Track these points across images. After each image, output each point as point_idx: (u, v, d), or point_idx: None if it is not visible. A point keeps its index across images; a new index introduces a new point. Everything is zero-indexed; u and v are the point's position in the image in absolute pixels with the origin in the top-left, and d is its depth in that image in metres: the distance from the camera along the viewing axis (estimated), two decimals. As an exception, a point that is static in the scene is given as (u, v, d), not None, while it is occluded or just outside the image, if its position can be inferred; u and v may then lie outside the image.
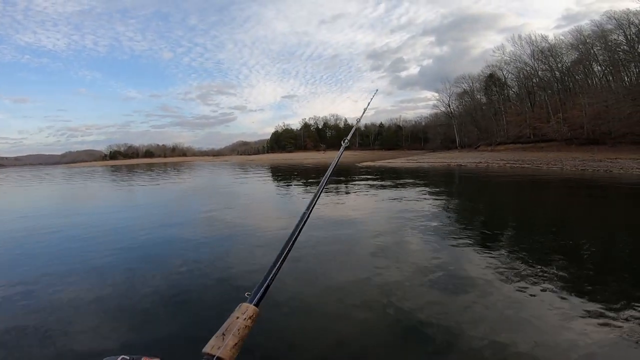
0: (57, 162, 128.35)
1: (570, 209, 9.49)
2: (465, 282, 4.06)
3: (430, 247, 5.68)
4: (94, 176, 34.76)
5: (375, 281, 4.19)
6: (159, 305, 3.78)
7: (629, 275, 4.19)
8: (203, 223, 8.48)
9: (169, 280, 4.55)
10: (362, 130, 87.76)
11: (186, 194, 16.37)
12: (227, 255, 5.84)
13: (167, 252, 6.04)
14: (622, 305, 3.31)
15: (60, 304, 3.87)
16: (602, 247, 5.67)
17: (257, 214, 9.98)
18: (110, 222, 8.96)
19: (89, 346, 2.98)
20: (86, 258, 5.66)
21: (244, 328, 0.50)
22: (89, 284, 4.52)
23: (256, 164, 51.31)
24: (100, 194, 18.43)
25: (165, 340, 3.05)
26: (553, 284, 3.86)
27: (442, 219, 8.21)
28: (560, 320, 3.07)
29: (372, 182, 16.66)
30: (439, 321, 3.15)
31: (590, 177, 16.18)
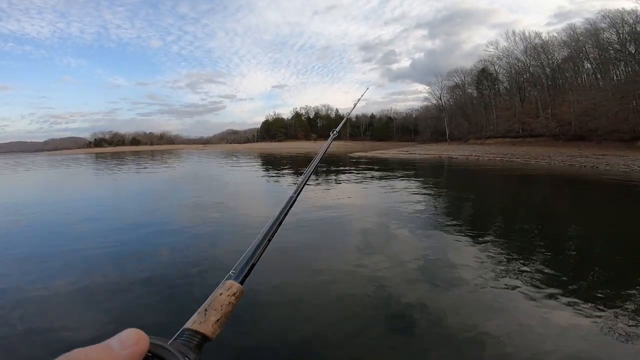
0: (40, 150, 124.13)
1: (555, 203, 9.60)
2: (450, 270, 4.14)
3: (420, 235, 5.76)
4: (78, 164, 33.61)
5: (362, 269, 4.19)
6: (142, 289, 3.68)
7: (605, 267, 4.32)
8: (190, 212, 8.17)
9: (151, 267, 4.43)
10: (353, 121, 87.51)
11: (173, 184, 15.91)
12: (212, 241, 5.63)
13: (151, 240, 5.77)
14: (598, 296, 3.42)
15: (40, 289, 3.74)
16: (583, 240, 5.81)
17: (248, 203, 9.70)
18: (88, 211, 8.58)
19: (68, 333, 2.87)
20: (68, 245, 5.38)
21: (227, 305, 0.49)
22: (71, 269, 4.35)
23: (246, 152, 50.60)
24: (84, 183, 17.77)
25: (146, 320, 3.02)
26: (534, 274, 3.96)
27: (434, 209, 8.24)
28: (537, 309, 3.17)
29: (368, 173, 16.52)
30: (419, 305, 3.23)
31: (577, 173, 16.41)
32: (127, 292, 3.73)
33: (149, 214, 8.01)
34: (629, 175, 14.94)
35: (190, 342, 0.42)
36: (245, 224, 6.76)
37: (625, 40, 33.98)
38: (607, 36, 35.97)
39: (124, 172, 21.42)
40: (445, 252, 4.94)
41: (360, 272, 4.16)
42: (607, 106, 30.75)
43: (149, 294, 3.69)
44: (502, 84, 50.91)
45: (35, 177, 21.39)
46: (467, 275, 3.99)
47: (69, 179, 19.33)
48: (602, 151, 25.27)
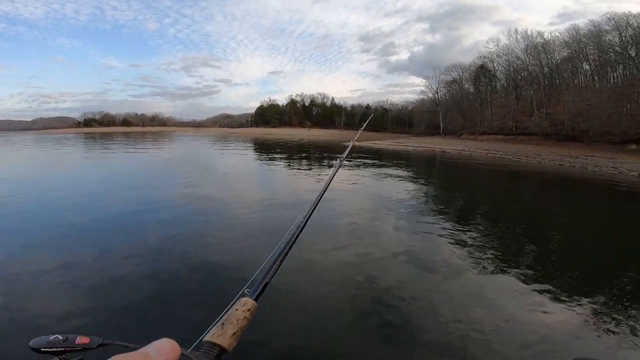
0: (27, 129, 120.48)
1: (543, 200, 9.70)
2: (437, 263, 4.16)
3: (409, 225, 5.77)
4: (63, 144, 32.70)
5: (350, 257, 4.16)
6: (132, 275, 3.56)
7: (588, 262, 4.43)
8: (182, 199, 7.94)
9: (140, 251, 4.27)
10: (348, 111, 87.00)
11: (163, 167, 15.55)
12: (205, 229, 5.45)
13: (140, 224, 5.58)
14: (578, 292, 3.50)
15: (24, 275, 3.55)
16: (568, 236, 5.90)
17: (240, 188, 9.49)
18: (80, 192, 8.27)
19: (51, 320, 2.76)
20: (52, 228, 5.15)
21: (242, 319, 0.52)
22: (56, 252, 4.16)
23: (239, 137, 49.90)
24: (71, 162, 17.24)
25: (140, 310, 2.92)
26: (517, 268, 4.00)
27: (425, 200, 8.24)
28: (521, 301, 3.21)
29: (365, 162, 16.39)
30: (404, 296, 3.24)
31: (565, 172, 16.56)
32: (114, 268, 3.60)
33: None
34: (615, 177, 15.14)
35: (210, 354, 0.45)
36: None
37: (627, 44, 34.04)
38: (610, 39, 36.01)
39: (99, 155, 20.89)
40: (433, 243, 4.93)
41: (347, 261, 4.10)
42: (601, 108, 30.99)
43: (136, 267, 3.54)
44: (500, 81, 50.91)
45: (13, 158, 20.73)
46: (453, 267, 3.99)
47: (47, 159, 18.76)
48: (591, 152, 25.58)
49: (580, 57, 39.06)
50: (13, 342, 2.41)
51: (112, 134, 60.70)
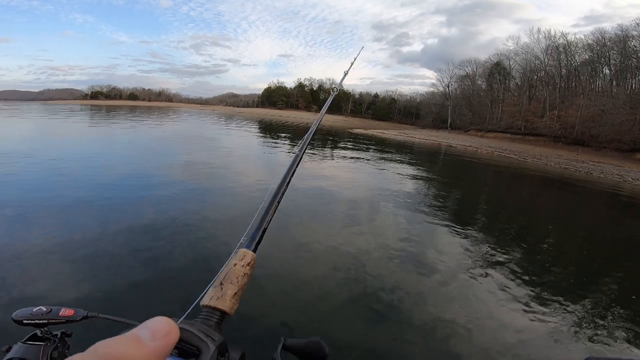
0: (33, 99, 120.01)
1: (542, 202, 9.63)
2: (427, 256, 4.18)
3: (406, 218, 5.74)
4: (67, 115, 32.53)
5: (344, 246, 4.16)
6: (132, 251, 3.47)
7: (576, 270, 4.40)
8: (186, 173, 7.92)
9: (141, 227, 4.17)
10: (356, 98, 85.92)
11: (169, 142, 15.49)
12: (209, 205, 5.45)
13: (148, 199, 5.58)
14: (567, 295, 3.50)
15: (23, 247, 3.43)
16: (564, 241, 5.86)
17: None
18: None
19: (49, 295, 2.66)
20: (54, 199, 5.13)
21: (242, 276, 0.46)
22: (57, 225, 4.06)
23: (245, 116, 49.54)
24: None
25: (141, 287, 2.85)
26: (508, 269, 4.00)
27: (425, 194, 8.21)
28: (509, 302, 3.21)
29: (374, 152, 16.30)
30: (397, 290, 3.24)
31: (569, 176, 16.38)
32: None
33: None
34: (619, 184, 14.98)
35: (210, 320, 0.39)
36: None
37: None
38: (635, 44, 34.94)
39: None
40: (426, 237, 4.95)
41: (341, 250, 4.10)
42: (614, 114, 30.41)
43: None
44: (514, 80, 49.88)
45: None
46: (442, 264, 4.00)
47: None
48: (599, 158, 25.28)
49: (601, 61, 38.06)
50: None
51: (119, 107, 60.35)
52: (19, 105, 62.55)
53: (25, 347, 0.64)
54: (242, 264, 0.47)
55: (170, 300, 2.66)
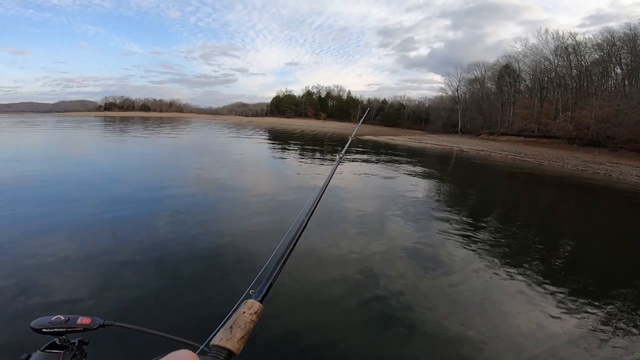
0: (49, 111, 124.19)
1: (560, 206, 9.51)
2: (443, 261, 4.13)
3: (420, 223, 5.76)
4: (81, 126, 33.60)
5: (354, 254, 4.17)
6: (145, 261, 3.62)
7: (598, 274, 4.32)
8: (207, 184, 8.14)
9: (154, 236, 4.35)
10: (364, 105, 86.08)
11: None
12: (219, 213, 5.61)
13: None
14: (584, 301, 3.41)
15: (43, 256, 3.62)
16: (582, 246, 5.72)
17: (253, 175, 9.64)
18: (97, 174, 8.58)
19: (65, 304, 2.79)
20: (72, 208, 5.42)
21: (249, 322, 0.52)
22: (73, 233, 4.28)
23: (255, 126, 50.20)
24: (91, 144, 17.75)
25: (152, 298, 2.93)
26: (523, 273, 3.94)
27: (438, 199, 8.20)
28: (524, 308, 3.19)
29: (386, 159, 16.37)
30: (408, 294, 3.24)
31: (588, 178, 16.12)
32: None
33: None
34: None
35: (218, 357, 0.46)
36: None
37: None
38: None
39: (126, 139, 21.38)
40: (441, 242, 4.94)
41: (352, 256, 4.14)
42: (629, 114, 29.80)
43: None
44: (524, 82, 49.39)
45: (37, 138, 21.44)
46: (459, 268, 3.98)
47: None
48: (616, 159, 24.75)
49: (612, 61, 37.47)
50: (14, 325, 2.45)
51: (131, 119, 61.87)
52: (37, 117, 64.74)
53: (44, 355, 0.66)
54: (250, 312, 0.53)
55: (183, 316, 2.73)
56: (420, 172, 12.42)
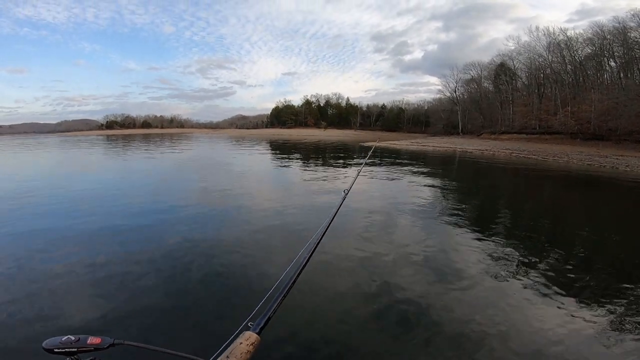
0: (52, 131, 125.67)
1: (570, 203, 9.46)
2: (458, 266, 4.10)
3: (431, 226, 5.77)
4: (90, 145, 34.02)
5: (366, 261, 4.16)
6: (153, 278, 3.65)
7: (612, 271, 4.22)
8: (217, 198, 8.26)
9: (164, 252, 4.41)
10: (364, 111, 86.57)
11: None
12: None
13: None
14: (602, 300, 3.35)
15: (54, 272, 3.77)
16: (594, 242, 5.61)
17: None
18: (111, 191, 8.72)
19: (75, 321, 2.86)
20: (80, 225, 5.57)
21: (245, 353, 0.54)
22: (81, 250, 4.42)
23: (256, 138, 50.61)
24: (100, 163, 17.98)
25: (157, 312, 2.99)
26: (541, 273, 3.88)
27: (447, 200, 8.23)
28: (538, 309, 3.12)
29: (391, 163, 16.46)
30: (422, 300, 3.22)
31: (595, 172, 16.11)
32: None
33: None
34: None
35: None
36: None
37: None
38: (635, 35, 34.62)
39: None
40: (452, 245, 4.92)
41: (363, 262, 4.17)
42: (629, 106, 29.86)
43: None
44: (521, 80, 49.67)
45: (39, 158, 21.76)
46: (472, 271, 3.97)
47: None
48: (621, 152, 24.72)
49: (605, 55, 37.71)
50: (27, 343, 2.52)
51: (133, 136, 62.45)
52: (41, 138, 65.36)
53: None
54: (247, 343, 0.55)
55: (190, 337, 2.73)
56: (426, 175, 12.49)
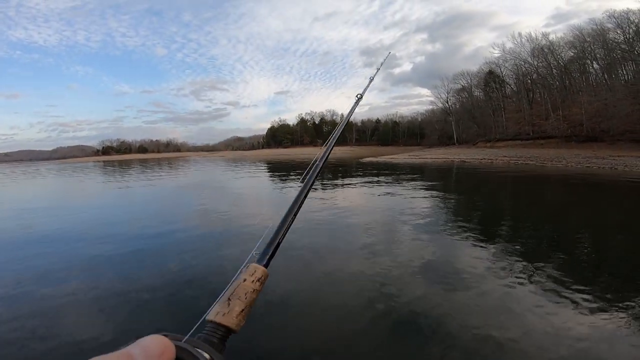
0: (48, 158, 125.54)
1: (573, 205, 9.47)
2: (461, 271, 4.10)
3: (435, 236, 5.76)
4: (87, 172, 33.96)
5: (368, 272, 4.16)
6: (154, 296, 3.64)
7: (619, 272, 4.20)
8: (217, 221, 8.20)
9: (163, 272, 4.39)
10: (359, 126, 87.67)
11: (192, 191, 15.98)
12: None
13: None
14: (610, 302, 3.34)
15: (56, 299, 3.71)
16: (602, 245, 5.62)
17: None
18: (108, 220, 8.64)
19: (82, 343, 2.84)
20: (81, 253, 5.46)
21: (252, 292, 0.45)
22: (84, 277, 4.36)
23: (253, 159, 50.83)
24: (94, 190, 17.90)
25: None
26: (546, 276, 3.87)
27: (453, 211, 8.19)
28: (548, 314, 3.11)
29: (391, 178, 16.48)
30: (429, 309, 3.22)
31: (594, 174, 16.20)
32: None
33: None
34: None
35: (213, 336, 0.39)
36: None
37: (632, 40, 33.77)
38: (614, 36, 35.84)
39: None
40: (461, 252, 4.89)
41: (365, 272, 4.14)
42: (618, 107, 30.48)
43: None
44: (509, 86, 50.79)
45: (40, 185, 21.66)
46: (476, 276, 3.95)
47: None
48: (617, 152, 25.01)
49: (587, 57, 38.85)
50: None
51: (130, 161, 62.46)
52: (38, 165, 64.94)
53: None
54: (252, 279, 0.46)
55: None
56: (426, 187, 12.51)
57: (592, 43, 37.74)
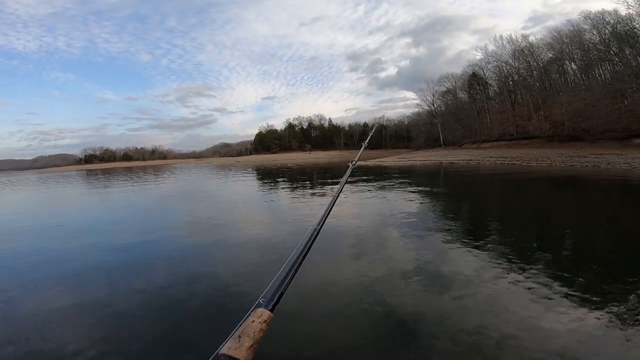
0: (29, 167, 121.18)
1: (559, 203, 9.54)
2: (451, 273, 4.08)
3: (427, 239, 5.64)
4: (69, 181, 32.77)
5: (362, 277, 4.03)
6: (144, 309, 3.48)
7: (606, 269, 4.21)
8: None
9: (153, 285, 4.14)
10: (347, 130, 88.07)
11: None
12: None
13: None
14: (598, 298, 3.37)
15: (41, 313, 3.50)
16: (585, 241, 5.66)
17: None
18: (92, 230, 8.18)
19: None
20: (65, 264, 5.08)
21: (259, 331, 0.51)
22: (69, 289, 4.17)
23: (242, 165, 50.22)
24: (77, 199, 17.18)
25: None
26: (536, 275, 3.87)
27: (445, 213, 8.12)
28: (538, 311, 3.13)
29: (382, 181, 16.37)
30: (422, 310, 3.21)
31: (578, 172, 16.53)
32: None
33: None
34: (629, 173, 15.12)
35: None
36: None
37: (608, 41, 34.96)
38: (590, 37, 37.08)
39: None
40: (451, 254, 4.84)
41: (357, 276, 4.09)
42: (597, 106, 31.42)
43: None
44: (492, 88, 51.91)
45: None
46: (467, 277, 3.92)
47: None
48: (598, 150, 25.69)
49: (565, 58, 40.06)
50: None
51: (114, 170, 60.80)
52: (17, 175, 62.42)
53: None
54: (260, 321, 0.53)
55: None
56: (417, 189, 12.43)
57: (569, 44, 38.97)
